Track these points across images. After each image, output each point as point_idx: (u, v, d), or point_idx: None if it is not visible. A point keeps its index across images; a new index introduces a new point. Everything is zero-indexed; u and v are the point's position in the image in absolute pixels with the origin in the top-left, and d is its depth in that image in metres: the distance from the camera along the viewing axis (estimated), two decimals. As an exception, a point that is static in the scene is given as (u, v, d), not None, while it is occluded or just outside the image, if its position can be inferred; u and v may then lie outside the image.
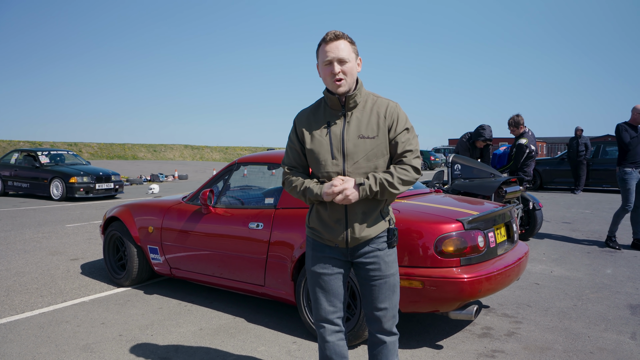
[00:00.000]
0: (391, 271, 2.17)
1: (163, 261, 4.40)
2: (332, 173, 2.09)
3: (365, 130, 2.08)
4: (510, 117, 6.88)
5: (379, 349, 2.23)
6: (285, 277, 3.52)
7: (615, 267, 5.31)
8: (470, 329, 3.60)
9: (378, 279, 2.15)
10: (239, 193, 4.40)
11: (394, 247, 2.20)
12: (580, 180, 13.18)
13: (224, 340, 3.42)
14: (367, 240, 2.13)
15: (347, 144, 2.07)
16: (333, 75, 2.04)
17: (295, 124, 2.24)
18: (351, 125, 2.09)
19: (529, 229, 6.61)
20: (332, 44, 2.04)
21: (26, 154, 13.96)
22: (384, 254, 2.15)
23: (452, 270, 3.00)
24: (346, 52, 2.04)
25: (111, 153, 41.49)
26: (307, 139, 2.15)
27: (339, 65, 2.04)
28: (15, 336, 3.51)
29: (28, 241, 6.98)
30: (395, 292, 2.19)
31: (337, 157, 2.08)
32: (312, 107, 2.23)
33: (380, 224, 2.14)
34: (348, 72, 2.05)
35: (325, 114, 2.15)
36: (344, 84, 2.05)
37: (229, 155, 50.93)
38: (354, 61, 2.08)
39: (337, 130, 2.10)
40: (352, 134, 2.08)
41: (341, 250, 2.17)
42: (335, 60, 2.03)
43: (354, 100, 2.10)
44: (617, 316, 3.82)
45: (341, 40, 2.04)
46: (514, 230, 3.74)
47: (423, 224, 3.09)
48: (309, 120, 2.18)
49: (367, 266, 2.15)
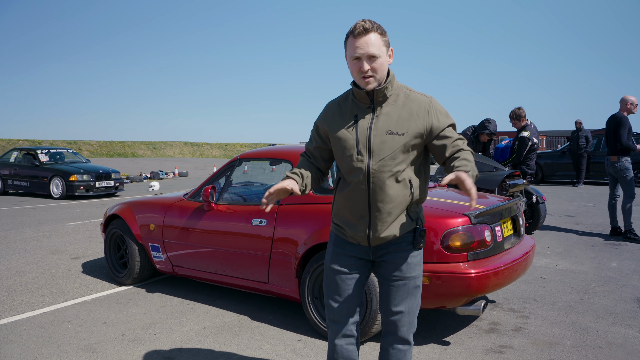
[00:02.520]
0: (413, 274, 2.04)
1: (165, 259, 4.36)
2: (357, 169, 1.97)
3: (395, 127, 1.94)
4: (511, 110, 6.83)
5: (390, 355, 2.11)
6: (289, 273, 3.47)
7: (620, 260, 5.27)
8: (477, 324, 3.56)
9: (397, 279, 2.03)
10: (241, 189, 4.36)
11: (420, 248, 2.06)
12: (582, 174, 13.14)
13: (228, 338, 3.38)
14: (391, 240, 2.02)
15: (373, 139, 1.94)
16: (361, 72, 1.90)
17: (322, 114, 2.12)
18: (380, 120, 1.96)
19: (532, 223, 6.56)
20: (361, 39, 1.88)
21: (26, 153, 13.90)
22: (408, 254, 2.03)
23: (459, 265, 2.95)
24: (376, 47, 1.88)
25: (111, 151, 41.44)
26: (333, 133, 2.04)
27: (368, 63, 1.89)
28: (16, 337, 3.46)
29: (28, 240, 6.93)
30: (414, 297, 2.06)
31: (362, 152, 1.96)
32: (341, 98, 2.10)
33: (407, 223, 2.01)
34: (378, 69, 1.91)
35: (354, 107, 2.02)
36: (372, 80, 1.92)
37: (229, 152, 50.87)
38: (385, 55, 1.93)
39: (364, 125, 1.97)
40: (380, 130, 1.95)
41: (363, 248, 2.07)
42: (365, 57, 1.89)
43: (384, 94, 1.96)
44: (625, 310, 3.78)
45: (371, 34, 1.88)
46: (520, 224, 3.69)
47: (429, 219, 3.04)
48: (336, 112, 2.06)
49: (387, 265, 2.04)
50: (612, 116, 6.33)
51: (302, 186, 2.04)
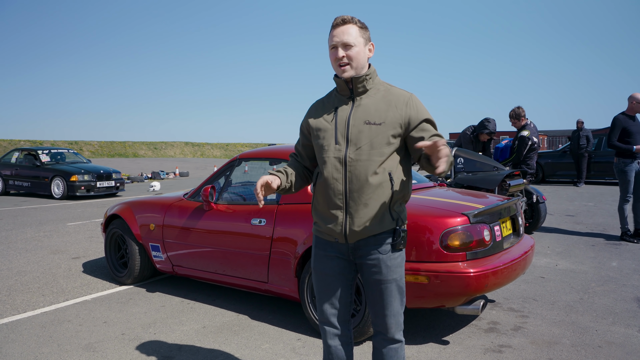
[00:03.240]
0: (393, 276, 2.02)
1: (165, 259, 4.37)
2: (334, 159, 2.00)
3: (373, 117, 1.98)
4: (511, 109, 6.83)
5: (382, 354, 2.10)
6: (288, 273, 3.48)
7: (620, 260, 5.27)
8: (476, 323, 3.56)
9: (379, 283, 2.02)
10: (240, 189, 4.36)
11: (400, 250, 2.04)
12: (582, 173, 13.13)
13: (227, 338, 3.39)
14: (368, 237, 2.00)
15: (351, 129, 1.99)
16: (337, 60, 1.99)
17: (307, 112, 2.20)
18: (359, 110, 2.01)
19: (532, 222, 6.56)
20: (338, 28, 1.99)
21: (27, 153, 13.93)
22: (387, 257, 2.00)
23: (458, 264, 2.96)
24: (352, 37, 1.97)
25: (112, 151, 41.47)
26: (314, 126, 2.10)
27: (343, 50, 1.97)
28: (17, 336, 3.47)
29: (29, 240, 6.95)
30: (396, 299, 2.04)
31: (340, 142, 2.00)
32: (325, 96, 2.18)
33: (385, 221, 1.99)
34: (353, 57, 1.97)
35: (335, 100, 2.09)
36: (348, 69, 1.98)
37: (230, 152, 50.88)
38: (362, 46, 1.99)
39: (343, 115, 2.03)
40: (358, 120, 1.99)
41: (342, 247, 2.06)
42: (340, 44, 1.98)
43: (363, 85, 2.02)
44: (625, 309, 3.78)
45: (348, 25, 1.98)
46: (519, 224, 3.69)
47: (428, 218, 3.04)
48: (318, 107, 2.14)
49: (369, 269, 2.03)
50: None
51: (286, 182, 2.10)
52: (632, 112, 6.15)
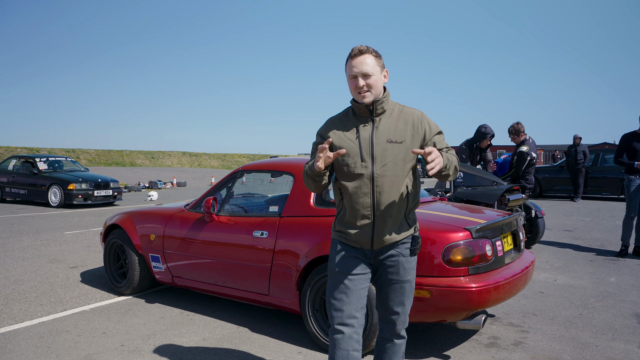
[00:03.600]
0: (408, 277, 2.25)
1: (165, 269, 4.35)
2: (362, 175, 2.15)
3: (394, 135, 2.15)
4: (510, 125, 6.89)
5: (386, 347, 2.35)
6: (290, 286, 3.48)
7: (619, 276, 5.28)
8: (477, 338, 3.56)
9: (395, 282, 2.23)
10: (242, 201, 4.37)
11: (416, 254, 2.27)
12: (579, 188, 13.19)
13: (227, 350, 3.37)
14: (391, 244, 2.20)
15: (376, 147, 2.15)
16: (357, 89, 2.14)
17: (325, 126, 2.28)
18: (379, 130, 2.17)
19: (531, 237, 6.58)
20: (356, 59, 2.13)
21: (24, 161, 13.90)
22: (405, 260, 2.22)
23: (460, 279, 2.96)
24: (370, 67, 2.12)
25: (109, 160, 41.39)
26: (337, 142, 2.20)
27: (363, 80, 2.12)
28: (14, 346, 3.45)
29: (26, 249, 6.91)
30: (409, 299, 2.28)
31: (366, 159, 2.15)
32: (341, 115, 2.29)
33: (405, 229, 2.21)
34: (373, 85, 2.13)
35: (354, 120, 2.22)
36: (368, 95, 2.14)
37: (228, 163, 50.87)
38: (379, 74, 2.16)
39: (366, 135, 2.17)
40: (381, 138, 2.15)
41: (365, 252, 2.22)
42: (360, 74, 2.12)
43: (382, 106, 2.18)
44: (624, 325, 3.79)
45: (365, 55, 2.13)
46: (520, 239, 3.71)
47: (431, 233, 3.05)
48: (338, 125, 2.25)
49: (386, 269, 2.22)
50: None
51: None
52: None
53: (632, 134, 6.26)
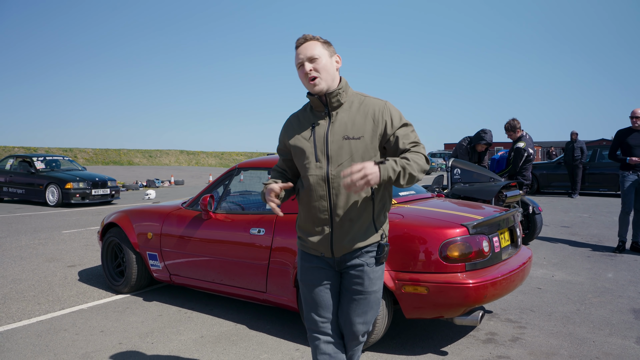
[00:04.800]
0: (374, 288, 2.07)
1: (162, 267, 4.35)
2: (316, 176, 2.00)
3: (351, 131, 1.98)
4: (506, 121, 6.88)
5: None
6: (287, 283, 3.48)
7: (616, 271, 5.30)
8: (474, 334, 3.57)
9: (359, 294, 2.06)
10: (239, 198, 4.36)
11: (382, 263, 2.09)
12: (577, 184, 13.22)
13: (225, 347, 3.38)
14: (354, 251, 2.03)
15: (330, 145, 1.99)
16: (306, 75, 1.99)
17: (282, 129, 2.18)
18: (335, 125, 2.00)
19: (528, 233, 6.59)
20: (301, 47, 2.01)
21: (21, 160, 13.87)
22: (370, 269, 2.04)
23: (457, 275, 2.97)
24: (317, 51, 1.98)
25: (106, 159, 41.33)
26: (292, 143, 2.09)
27: (310, 64, 1.98)
28: (12, 345, 3.45)
29: (24, 248, 6.90)
30: (372, 309, 2.10)
31: (320, 159, 2.00)
32: (299, 111, 2.16)
33: (370, 235, 2.03)
34: (321, 69, 1.97)
35: (311, 116, 2.08)
36: (319, 81, 1.97)
37: (225, 161, 50.84)
38: (328, 58, 2.00)
39: (321, 132, 2.02)
40: (336, 135, 1.99)
41: (328, 260, 2.08)
42: (305, 59, 1.98)
43: (337, 99, 2.01)
44: (621, 320, 3.80)
45: (310, 42, 2.00)
46: (517, 235, 3.71)
47: (427, 229, 3.06)
48: (294, 124, 2.12)
49: (350, 278, 2.06)
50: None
51: (286, 184, 2.04)
52: (634, 126, 6.29)
53: (627, 130, 6.27)
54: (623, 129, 6.31)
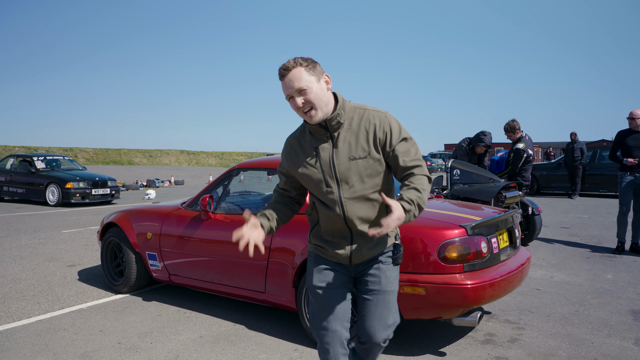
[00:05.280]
0: (391, 288, 2.07)
1: (162, 267, 4.36)
2: (329, 200, 1.98)
3: (355, 151, 1.94)
4: (506, 122, 6.89)
5: (363, 349, 2.16)
6: (286, 283, 3.48)
7: (615, 272, 5.30)
8: (472, 335, 3.57)
9: (376, 293, 2.05)
10: (238, 199, 4.37)
11: (399, 264, 2.10)
12: (577, 185, 13.22)
13: (224, 347, 3.38)
14: (373, 257, 2.06)
15: (338, 168, 1.95)
16: (299, 109, 1.92)
17: (284, 153, 2.12)
18: (339, 147, 1.95)
19: (528, 234, 6.59)
20: (286, 78, 1.90)
21: (22, 159, 13.88)
22: (387, 268, 2.06)
23: (455, 276, 2.97)
24: (303, 81, 1.88)
25: (107, 158, 41.36)
26: (298, 171, 2.04)
27: (300, 97, 1.90)
28: (12, 344, 3.45)
29: (24, 247, 6.91)
30: (392, 313, 2.08)
31: (330, 184, 1.97)
32: (299, 132, 2.09)
33: (386, 239, 2.06)
34: (314, 99, 1.89)
35: (312, 140, 2.02)
36: (314, 113, 1.91)
37: (225, 161, 50.86)
38: (316, 84, 1.90)
39: (325, 156, 1.97)
40: (342, 157, 1.95)
41: (344, 266, 2.09)
42: (294, 92, 1.90)
43: (337, 120, 1.95)
44: (620, 322, 3.80)
45: (293, 71, 1.89)
46: (516, 236, 3.72)
47: (426, 230, 3.06)
48: (296, 148, 2.06)
49: (367, 280, 2.06)
50: None
51: (267, 229, 2.03)
52: (634, 127, 6.29)
53: (627, 131, 6.28)
54: (623, 130, 6.32)
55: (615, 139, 6.39)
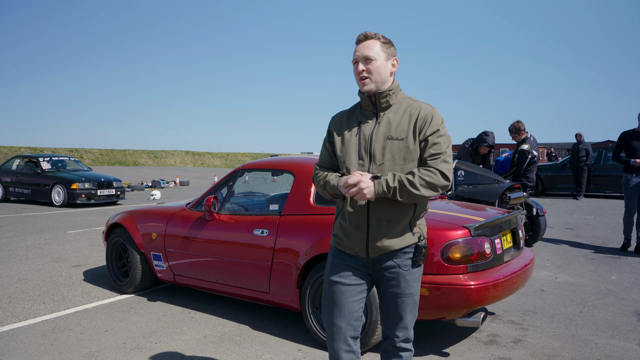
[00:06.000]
0: (410, 290, 2.04)
1: (166, 268, 4.38)
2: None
3: (395, 132, 1.99)
4: (511, 124, 6.89)
5: (387, 350, 2.16)
6: (290, 284, 3.50)
7: (620, 273, 5.28)
8: (476, 336, 3.58)
9: (395, 296, 2.04)
10: (243, 199, 4.39)
11: (420, 265, 2.06)
12: (582, 186, 13.17)
13: (228, 348, 3.40)
14: (390, 252, 2.01)
15: (374, 144, 2.00)
16: (358, 74, 2.02)
17: (329, 125, 2.20)
18: (381, 125, 2.02)
19: (532, 235, 6.58)
20: (360, 44, 2.03)
21: (28, 160, 13.97)
22: (406, 272, 2.02)
23: (458, 277, 2.98)
24: (374, 51, 2.00)
25: (112, 159, 41.54)
26: (338, 140, 2.11)
27: (363, 64, 2.01)
28: (18, 344, 3.48)
29: (30, 247, 6.96)
30: (411, 313, 2.08)
31: (363, 157, 2.01)
32: (349, 109, 2.19)
33: (407, 236, 2.01)
34: (373, 71, 2.00)
35: (359, 115, 2.11)
36: (368, 82, 2.01)
37: (230, 162, 50.96)
38: (383, 60, 2.01)
39: (366, 130, 2.04)
40: (380, 135, 2.01)
41: (362, 260, 2.07)
42: (360, 58, 2.02)
43: (386, 100, 2.04)
44: (624, 323, 3.79)
45: (370, 40, 2.02)
46: (520, 237, 3.72)
47: (430, 231, 3.06)
48: (342, 121, 2.14)
49: (387, 281, 2.04)
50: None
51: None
52: None
53: (631, 132, 6.26)
54: (627, 131, 6.31)
55: (619, 140, 6.37)
